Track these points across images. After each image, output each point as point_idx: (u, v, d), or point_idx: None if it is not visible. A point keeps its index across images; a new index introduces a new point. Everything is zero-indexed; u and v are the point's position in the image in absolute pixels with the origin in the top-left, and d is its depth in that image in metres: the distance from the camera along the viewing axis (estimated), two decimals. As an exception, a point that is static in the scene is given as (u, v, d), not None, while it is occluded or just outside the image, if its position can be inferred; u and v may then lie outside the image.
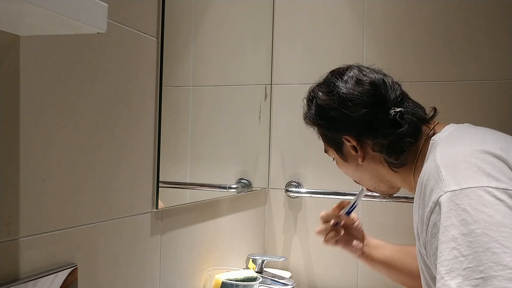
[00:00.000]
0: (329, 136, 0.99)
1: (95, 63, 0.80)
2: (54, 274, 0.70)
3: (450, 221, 0.66)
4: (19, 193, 0.66)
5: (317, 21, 1.56)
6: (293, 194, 1.57)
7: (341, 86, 0.93)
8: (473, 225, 0.64)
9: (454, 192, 0.68)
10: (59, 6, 0.50)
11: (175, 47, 1.04)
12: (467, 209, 0.66)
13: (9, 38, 0.63)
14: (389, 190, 1.01)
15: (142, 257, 0.94)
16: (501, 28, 1.36)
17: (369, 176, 0.99)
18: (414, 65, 1.45)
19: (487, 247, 0.62)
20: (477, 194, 0.66)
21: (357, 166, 0.98)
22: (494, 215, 0.64)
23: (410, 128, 0.88)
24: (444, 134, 0.85)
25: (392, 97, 0.91)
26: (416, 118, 0.90)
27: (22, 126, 0.66)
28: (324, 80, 0.99)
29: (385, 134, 0.89)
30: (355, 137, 0.93)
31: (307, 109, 1.01)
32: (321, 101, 0.96)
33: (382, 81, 0.93)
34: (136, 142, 0.91)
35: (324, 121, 0.96)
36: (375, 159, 0.94)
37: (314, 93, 0.99)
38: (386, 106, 0.90)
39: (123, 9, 0.86)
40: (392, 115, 0.89)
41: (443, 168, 0.72)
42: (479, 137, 0.80)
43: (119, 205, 0.87)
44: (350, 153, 0.97)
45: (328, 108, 0.94)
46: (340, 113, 0.92)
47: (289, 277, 1.44)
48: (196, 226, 1.16)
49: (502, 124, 1.35)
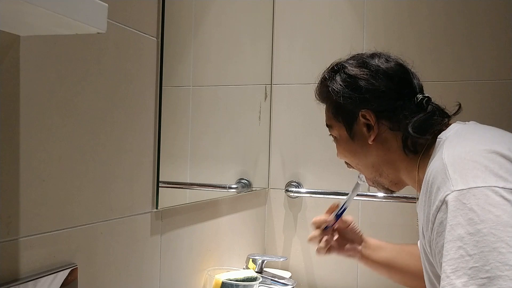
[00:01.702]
0: (345, 109, 0.94)
1: (95, 63, 0.80)
2: (54, 274, 0.70)
3: (457, 220, 0.66)
4: (19, 193, 0.66)
5: (317, 21, 1.56)
6: (293, 194, 1.57)
7: (372, 61, 0.93)
8: (480, 224, 0.64)
9: (461, 191, 0.68)
10: (59, 6, 0.50)
11: (175, 47, 1.04)
12: (474, 208, 0.65)
13: (9, 38, 0.63)
14: (389, 184, 0.97)
15: (142, 257, 0.94)
16: (501, 28, 1.36)
17: (372, 161, 0.95)
18: (413, 65, 1.45)
19: (493, 247, 0.62)
20: (484, 194, 0.66)
21: (362, 147, 0.94)
22: (501, 215, 0.64)
23: (437, 112, 0.88)
24: (450, 132, 0.85)
25: (417, 84, 0.93)
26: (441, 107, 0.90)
27: (22, 126, 0.66)
28: (352, 57, 0.98)
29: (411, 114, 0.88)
30: (375, 113, 0.91)
31: (330, 80, 0.96)
32: (351, 71, 0.93)
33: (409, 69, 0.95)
34: (136, 142, 0.91)
35: (350, 90, 0.92)
36: (387, 142, 0.92)
37: (340, 65, 0.96)
38: (413, 91, 0.91)
39: (123, 9, 0.86)
40: (419, 99, 0.89)
41: (450, 167, 0.72)
42: (487, 136, 0.79)
43: (119, 205, 0.87)
44: (360, 131, 0.94)
45: (358, 78, 0.92)
46: (370, 85, 0.90)
47: (289, 277, 1.44)
48: (196, 226, 1.16)
49: (501, 124, 1.35)
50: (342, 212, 1.12)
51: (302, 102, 1.57)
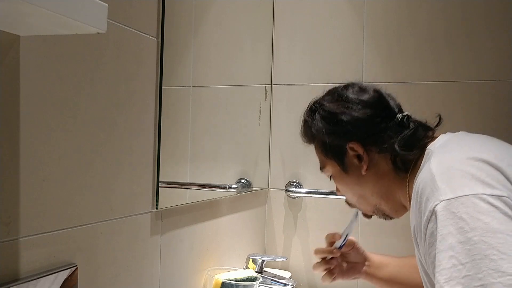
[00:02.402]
0: (332, 145, 0.96)
1: (95, 63, 0.80)
2: (54, 274, 0.70)
3: (447, 229, 0.67)
4: (19, 193, 0.66)
5: (317, 21, 1.56)
6: (293, 194, 1.57)
7: (347, 93, 0.95)
8: (470, 232, 0.65)
9: (449, 201, 0.68)
10: (59, 6, 0.50)
11: (175, 47, 1.04)
12: (464, 217, 0.66)
13: (9, 38, 0.63)
14: (390, 211, 0.98)
15: (142, 257, 0.94)
16: (500, 28, 1.36)
17: (370, 190, 0.96)
18: (413, 65, 1.45)
19: (485, 254, 0.63)
20: (472, 202, 0.67)
21: (358, 178, 0.95)
22: (490, 222, 0.64)
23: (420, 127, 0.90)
24: (438, 143, 0.86)
25: (395, 104, 0.95)
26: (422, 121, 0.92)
27: (22, 126, 0.66)
28: (326, 93, 1.00)
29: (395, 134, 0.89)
30: (361, 143, 0.92)
31: (310, 120, 0.99)
32: (329, 108, 0.96)
33: (384, 92, 0.96)
34: (136, 142, 0.91)
35: (332, 126, 0.94)
36: (379, 166, 0.93)
37: (318, 104, 0.99)
38: (392, 112, 0.93)
39: (123, 9, 0.86)
40: (399, 118, 0.91)
41: (438, 177, 0.73)
42: (474, 145, 0.80)
43: (119, 205, 0.87)
44: (352, 163, 0.95)
45: (337, 112, 0.94)
46: (349, 116, 0.92)
47: (289, 277, 1.44)
48: (196, 226, 1.16)
49: (500, 124, 1.35)
50: (344, 243, 1.13)
51: (302, 102, 1.55)
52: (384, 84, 1.46)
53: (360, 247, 1.18)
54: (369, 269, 1.16)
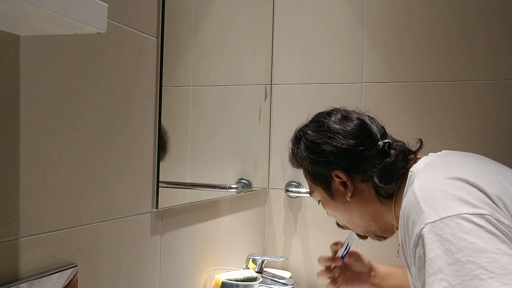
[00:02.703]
0: (318, 173, 0.99)
1: (95, 63, 0.80)
2: (54, 274, 0.70)
3: (435, 252, 0.68)
4: (19, 193, 0.66)
5: (317, 21, 1.56)
6: (293, 194, 1.57)
7: (330, 122, 0.97)
8: (458, 253, 0.66)
9: (434, 223, 0.69)
10: (59, 6, 0.50)
11: (175, 47, 1.04)
12: (449, 238, 0.67)
13: (9, 38, 0.63)
14: (381, 231, 1.00)
15: (142, 257, 0.94)
16: (499, 29, 1.36)
17: (358, 214, 0.98)
18: (413, 65, 1.45)
19: (474, 275, 0.63)
20: (456, 223, 0.68)
21: (345, 204, 0.98)
22: (475, 242, 0.65)
23: (399, 155, 0.91)
24: (421, 165, 0.87)
25: (378, 131, 0.96)
26: (403, 148, 0.93)
27: (22, 126, 0.66)
28: (311, 120, 1.02)
29: (375, 163, 0.91)
30: (345, 170, 0.94)
31: (295, 149, 1.02)
32: (312, 137, 0.98)
33: (367, 118, 0.98)
34: (136, 142, 0.91)
35: (315, 156, 0.96)
36: (364, 193, 0.95)
37: (302, 132, 1.01)
38: (374, 139, 0.94)
39: (123, 9, 0.86)
40: (381, 145, 0.92)
41: (421, 200, 0.74)
42: (454, 165, 0.82)
43: (119, 205, 0.87)
44: (338, 190, 0.97)
45: (319, 142, 0.96)
46: (331, 146, 0.94)
47: (289, 277, 1.44)
48: (196, 226, 1.16)
49: (500, 124, 1.35)
50: (346, 252, 1.14)
51: (302, 102, 1.57)
52: (384, 84, 1.47)
53: (365, 258, 1.19)
54: (374, 280, 1.17)
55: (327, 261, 1.16)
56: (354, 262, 1.18)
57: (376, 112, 1.47)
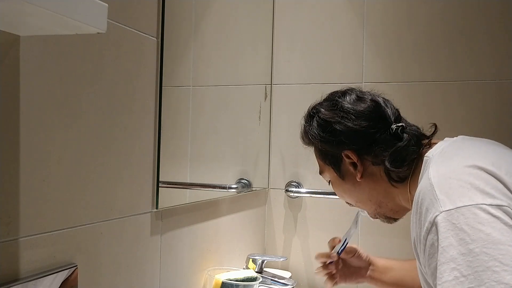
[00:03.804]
0: (328, 152, 0.98)
1: (95, 63, 0.80)
2: (54, 274, 0.70)
3: (448, 241, 0.67)
4: (19, 193, 0.66)
5: (317, 21, 1.56)
6: (293, 194, 1.57)
7: (344, 102, 0.95)
8: (472, 244, 0.65)
9: (449, 212, 0.68)
10: (59, 6, 0.50)
11: (175, 47, 1.04)
12: (464, 228, 0.66)
13: (9, 38, 0.63)
14: (391, 213, 0.98)
15: (142, 257, 0.94)
16: (500, 29, 1.36)
17: (367, 195, 0.97)
18: (413, 65, 1.45)
19: (487, 266, 0.63)
20: (472, 213, 0.67)
21: (354, 185, 0.97)
22: (491, 233, 0.64)
23: (412, 140, 0.90)
24: (437, 150, 0.85)
25: (392, 114, 0.94)
26: (416, 132, 0.92)
27: (22, 126, 0.66)
28: (325, 99, 1.01)
29: (387, 146, 0.90)
30: (356, 151, 0.93)
31: (307, 126, 1.00)
32: (324, 115, 0.96)
33: (382, 100, 0.96)
34: (136, 142, 0.91)
35: (327, 134, 0.95)
36: (374, 175, 0.94)
37: (315, 109, 1.00)
38: (387, 122, 0.92)
39: (123, 9, 0.86)
40: (394, 129, 0.91)
41: (437, 187, 0.72)
42: (471, 152, 0.80)
43: (119, 205, 0.87)
44: (348, 170, 0.96)
45: (332, 121, 0.94)
46: (343, 126, 0.93)
47: (289, 277, 1.44)
48: (196, 226, 1.16)
49: (501, 124, 1.35)
50: (343, 248, 1.14)
51: (302, 102, 1.56)
52: (384, 84, 1.47)
53: (363, 253, 1.18)
54: (373, 274, 1.17)
55: (324, 257, 1.16)
56: (351, 258, 1.17)
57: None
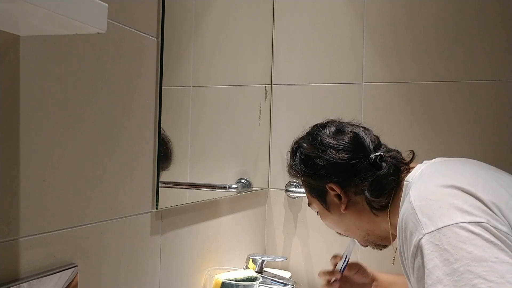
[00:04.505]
0: (314, 185, 1.00)
1: (95, 63, 0.80)
2: (54, 274, 0.70)
3: (433, 263, 0.68)
4: (19, 193, 0.66)
5: (317, 21, 1.56)
6: (293, 194, 1.57)
7: (324, 135, 0.98)
8: (456, 263, 0.66)
9: (432, 234, 0.70)
10: (59, 6, 0.50)
11: (175, 47, 1.04)
12: (447, 248, 0.67)
13: (9, 38, 0.63)
14: (379, 240, 1.01)
15: (142, 257, 0.94)
16: (498, 29, 1.36)
17: (354, 225, 1.00)
18: (413, 65, 1.45)
19: (472, 284, 0.64)
20: (453, 232, 0.68)
21: (340, 216, 0.99)
22: (473, 251, 0.66)
23: (390, 168, 0.92)
24: (416, 173, 0.87)
25: (371, 143, 0.96)
26: (395, 160, 0.94)
27: (22, 126, 0.66)
28: (307, 133, 1.04)
29: (367, 176, 0.92)
30: (339, 184, 0.95)
31: (291, 161, 1.04)
32: (305, 150, 0.99)
33: (361, 130, 0.98)
34: (136, 142, 0.91)
35: (309, 169, 0.98)
36: (358, 205, 0.96)
37: (298, 144, 1.03)
38: (366, 152, 0.95)
39: (123, 9, 0.86)
40: (372, 159, 0.93)
41: (418, 210, 0.74)
42: (448, 173, 0.82)
43: (119, 205, 0.87)
44: (333, 202, 0.99)
45: (312, 156, 0.97)
46: (324, 160, 0.96)
47: (289, 277, 1.44)
48: (196, 226, 1.16)
49: (501, 124, 1.35)
50: (345, 265, 1.14)
51: (302, 102, 1.57)
52: (384, 84, 1.47)
53: (366, 268, 1.19)
54: None
55: (327, 274, 1.16)
56: (355, 275, 1.17)
57: (375, 112, 1.47)
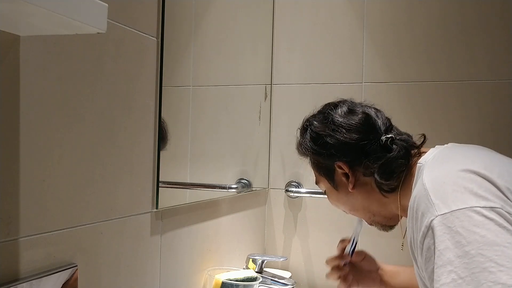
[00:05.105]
0: (322, 163, 1.00)
1: (95, 63, 0.80)
2: (54, 274, 0.70)
3: (445, 244, 0.68)
4: (19, 193, 0.66)
5: (317, 21, 1.56)
6: (293, 194, 1.57)
7: (335, 114, 0.97)
8: (467, 246, 0.66)
9: (444, 215, 0.70)
10: (59, 6, 0.50)
11: (175, 47, 1.04)
12: (460, 231, 0.67)
13: (9, 38, 0.63)
14: (386, 221, 1.01)
15: (142, 257, 0.94)
16: (498, 29, 1.36)
17: (360, 205, 0.99)
18: (413, 65, 1.45)
19: (483, 267, 0.64)
20: (467, 215, 0.68)
21: (347, 195, 0.99)
22: (486, 235, 0.66)
23: (401, 152, 0.91)
24: (429, 157, 0.87)
25: (382, 125, 0.96)
26: (405, 143, 0.93)
27: (22, 126, 0.66)
28: (319, 111, 1.03)
29: (376, 158, 0.91)
30: (347, 163, 0.95)
31: (301, 138, 1.03)
32: (316, 128, 0.99)
33: (373, 111, 0.98)
34: (136, 142, 0.91)
35: (319, 147, 0.98)
36: (366, 186, 0.96)
37: (308, 122, 1.02)
38: (377, 133, 0.94)
39: (123, 9, 0.86)
40: (383, 141, 0.92)
41: (431, 192, 0.74)
42: (463, 157, 0.81)
43: (119, 205, 0.87)
44: (341, 181, 0.98)
45: (323, 134, 0.97)
46: (334, 139, 0.95)
47: (289, 277, 1.44)
48: (196, 226, 1.16)
49: (501, 124, 1.35)
50: (354, 247, 1.14)
51: (302, 102, 1.57)
52: (384, 84, 1.47)
53: (371, 255, 1.19)
54: (383, 277, 1.18)
55: (335, 259, 1.16)
56: (361, 261, 1.18)
57: (376, 112, 1.47)
